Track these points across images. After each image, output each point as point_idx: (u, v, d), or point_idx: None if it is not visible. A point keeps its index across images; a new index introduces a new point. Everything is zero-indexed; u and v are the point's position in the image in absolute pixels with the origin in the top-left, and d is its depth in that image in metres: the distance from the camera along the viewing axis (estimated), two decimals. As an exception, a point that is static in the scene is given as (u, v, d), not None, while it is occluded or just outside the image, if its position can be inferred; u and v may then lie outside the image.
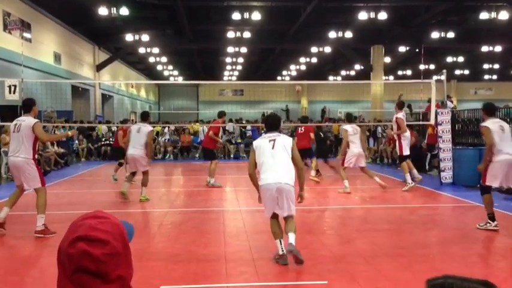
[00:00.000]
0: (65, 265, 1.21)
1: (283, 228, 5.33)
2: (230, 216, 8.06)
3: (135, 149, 9.22)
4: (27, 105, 6.89)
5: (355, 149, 10.39)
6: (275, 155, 5.26)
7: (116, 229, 1.27)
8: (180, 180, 13.72)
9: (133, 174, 9.62)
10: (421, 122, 14.59)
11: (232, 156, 20.18)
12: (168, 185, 12.70)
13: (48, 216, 8.02)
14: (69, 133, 8.28)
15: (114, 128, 21.24)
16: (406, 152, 10.80)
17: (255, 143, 5.52)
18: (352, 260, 5.37)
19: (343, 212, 8.73)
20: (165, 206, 9.43)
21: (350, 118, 11.63)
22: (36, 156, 6.89)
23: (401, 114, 10.97)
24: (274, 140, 5.34)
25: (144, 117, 9.84)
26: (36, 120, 6.75)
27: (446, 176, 11.32)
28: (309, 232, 6.99)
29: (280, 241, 5.24)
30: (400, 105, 11.22)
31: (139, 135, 9.24)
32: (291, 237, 5.16)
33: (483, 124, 7.05)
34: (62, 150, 16.45)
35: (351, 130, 10.48)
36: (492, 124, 6.87)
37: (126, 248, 1.28)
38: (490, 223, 6.78)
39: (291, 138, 5.56)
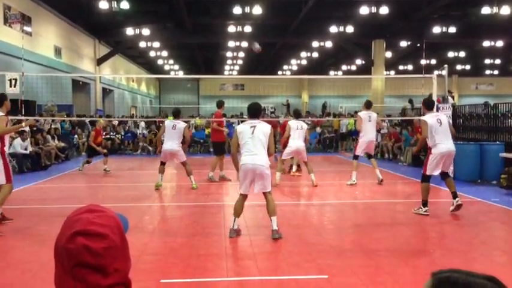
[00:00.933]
0: (63, 260, 1.20)
1: (267, 209, 6.15)
2: (231, 211, 8.04)
3: (173, 143, 10.02)
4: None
5: (292, 143, 10.54)
6: (254, 139, 6.04)
7: (112, 222, 1.27)
8: (180, 175, 13.68)
9: (164, 164, 10.36)
10: (422, 117, 14.55)
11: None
12: (169, 180, 12.69)
13: (49, 209, 8.05)
14: (23, 124, 8.25)
15: (115, 122, 21.26)
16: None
17: (239, 128, 6.25)
18: (353, 255, 5.38)
19: (343, 206, 8.73)
20: (166, 200, 9.44)
21: (298, 114, 11.78)
22: (5, 149, 6.77)
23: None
24: (254, 127, 6.11)
25: (176, 114, 10.47)
26: (1, 114, 6.74)
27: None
28: (309, 227, 6.99)
29: (235, 219, 6.20)
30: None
31: (175, 131, 10.03)
32: (274, 223, 6.02)
33: (422, 118, 7.87)
34: (62, 144, 16.45)
35: (295, 125, 10.66)
36: (430, 118, 7.54)
37: (124, 241, 1.28)
38: (422, 208, 7.55)
39: (269, 126, 6.25)
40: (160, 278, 4.58)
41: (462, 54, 33.46)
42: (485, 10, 20.82)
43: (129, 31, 25.40)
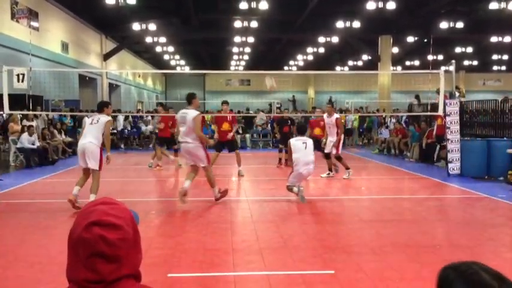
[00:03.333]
0: (78, 250, 1.22)
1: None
2: (237, 206, 8.08)
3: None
4: None
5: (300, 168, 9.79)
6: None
7: (126, 214, 1.30)
8: (186, 170, 13.74)
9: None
10: (428, 113, 14.50)
11: (239, 146, 20.26)
12: (175, 175, 12.73)
13: (57, 204, 8.10)
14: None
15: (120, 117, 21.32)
16: None
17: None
18: (359, 250, 5.38)
19: (349, 202, 8.73)
20: (172, 195, 9.47)
21: (302, 130, 10.67)
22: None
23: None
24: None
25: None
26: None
27: (454, 167, 11.26)
28: (316, 222, 7.00)
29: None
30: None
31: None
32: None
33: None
34: (69, 139, 16.53)
35: (298, 143, 9.14)
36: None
37: (136, 233, 1.31)
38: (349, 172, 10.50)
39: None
40: (168, 272, 4.60)
41: (469, 49, 33.22)
42: (493, 5, 20.65)
43: (136, 26, 25.42)
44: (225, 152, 11.83)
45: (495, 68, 43.06)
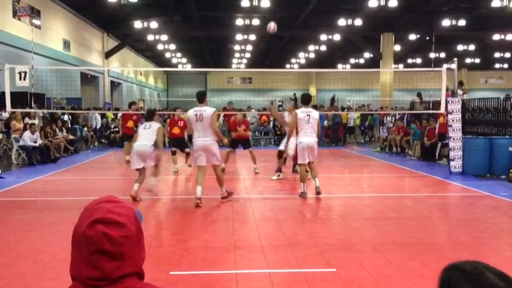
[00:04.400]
0: (81, 247, 1.23)
1: (311, 173, 8.65)
2: (239, 204, 8.08)
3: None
4: None
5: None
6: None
7: (130, 213, 1.30)
8: (190, 168, 13.76)
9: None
10: (431, 111, 14.48)
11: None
12: (177, 173, 12.73)
13: (59, 202, 8.12)
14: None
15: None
16: None
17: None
18: (361, 248, 5.38)
19: (351, 200, 8.73)
20: (174, 192, 9.48)
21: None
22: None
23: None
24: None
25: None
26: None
27: (456, 165, 11.26)
28: (318, 220, 7.00)
29: (304, 184, 8.41)
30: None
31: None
32: (317, 182, 8.47)
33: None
34: (71, 137, 16.55)
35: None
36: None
37: (140, 231, 1.32)
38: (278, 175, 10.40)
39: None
40: (170, 270, 4.61)
41: (472, 47, 33.18)
42: (496, 3, 20.62)
43: (137, 24, 25.44)
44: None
45: (497, 66, 42.99)
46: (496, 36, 28.38)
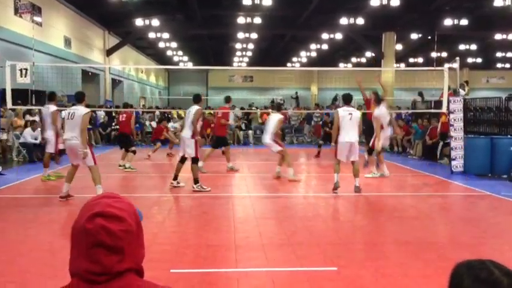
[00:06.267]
0: (81, 241, 1.22)
1: (353, 172, 8.78)
2: (239, 202, 8.08)
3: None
4: None
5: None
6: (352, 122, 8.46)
7: (130, 208, 1.30)
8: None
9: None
10: (432, 110, 14.45)
11: (241, 142, 20.35)
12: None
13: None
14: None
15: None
16: None
17: (340, 113, 8.64)
18: (362, 247, 5.38)
19: (352, 199, 8.71)
20: (174, 191, 9.46)
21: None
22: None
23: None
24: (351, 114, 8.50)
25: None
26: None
27: (457, 164, 11.24)
28: (319, 219, 6.99)
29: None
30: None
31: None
32: (357, 182, 8.67)
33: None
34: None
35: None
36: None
37: (139, 228, 1.31)
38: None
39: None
40: (170, 268, 4.60)
41: (473, 47, 33.11)
42: (498, 2, 20.57)
43: (139, 22, 25.40)
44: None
45: (499, 65, 42.91)
46: (498, 36, 28.31)
